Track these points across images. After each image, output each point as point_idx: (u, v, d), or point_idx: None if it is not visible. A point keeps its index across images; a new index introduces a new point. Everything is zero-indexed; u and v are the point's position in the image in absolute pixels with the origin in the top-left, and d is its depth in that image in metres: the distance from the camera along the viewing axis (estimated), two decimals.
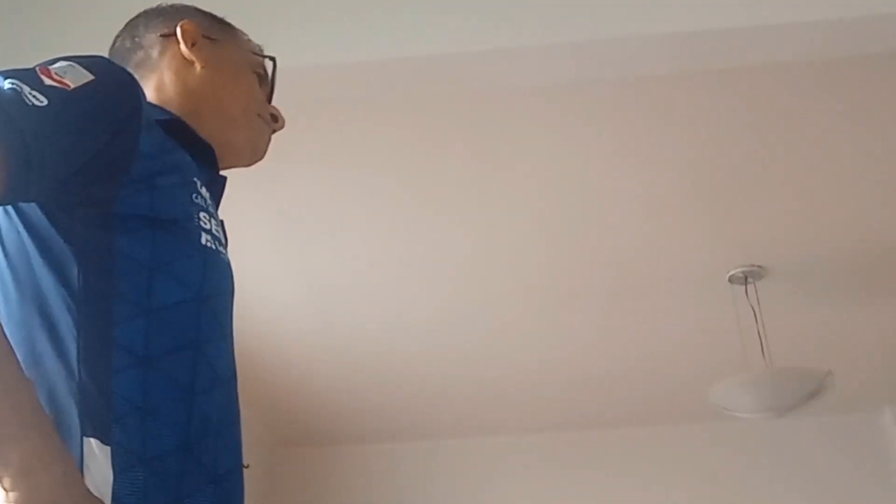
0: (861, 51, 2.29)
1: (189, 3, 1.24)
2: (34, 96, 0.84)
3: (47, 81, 0.87)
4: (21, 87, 0.84)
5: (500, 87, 2.65)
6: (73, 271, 0.90)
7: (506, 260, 3.57)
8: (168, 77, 1.14)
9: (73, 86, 0.88)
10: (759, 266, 3.61)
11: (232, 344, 1.03)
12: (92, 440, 0.85)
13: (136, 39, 1.18)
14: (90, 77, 0.90)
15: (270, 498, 4.77)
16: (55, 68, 0.90)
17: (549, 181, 3.16)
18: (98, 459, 0.85)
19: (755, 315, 3.67)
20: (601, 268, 3.62)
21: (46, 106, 0.84)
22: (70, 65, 0.91)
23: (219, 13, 1.25)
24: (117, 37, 1.22)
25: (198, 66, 1.15)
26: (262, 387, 4.31)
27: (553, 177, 3.14)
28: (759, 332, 3.66)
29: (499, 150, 3.02)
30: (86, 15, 2.23)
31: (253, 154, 1.20)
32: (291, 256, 3.51)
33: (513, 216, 3.31)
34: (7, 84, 0.84)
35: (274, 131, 1.23)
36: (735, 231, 3.44)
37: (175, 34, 1.16)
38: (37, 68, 0.89)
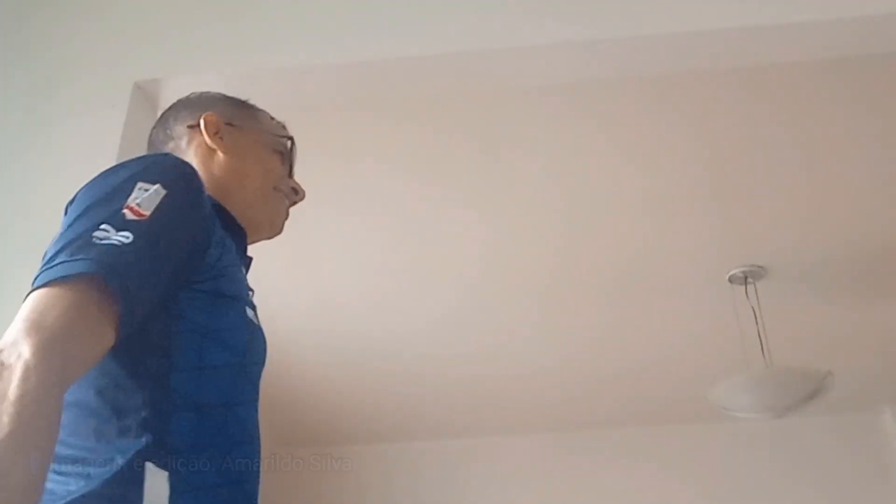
0: (863, 51, 2.29)
1: (215, 92, 1.36)
2: (123, 236, 0.94)
3: (129, 216, 0.96)
4: (109, 230, 0.94)
5: (501, 87, 2.65)
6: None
7: (507, 261, 3.57)
8: (196, 164, 1.22)
9: (148, 214, 0.97)
10: (759, 266, 3.61)
11: (258, 408, 1.14)
12: (148, 463, 0.95)
13: (168, 131, 1.30)
14: (162, 194, 0.99)
15: (270, 498, 4.76)
16: (132, 199, 0.98)
17: (548, 182, 3.15)
18: (156, 481, 0.95)
19: (755, 315, 3.67)
20: (600, 268, 3.62)
21: (132, 242, 0.94)
22: (141, 189, 0.99)
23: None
24: (153, 129, 1.34)
25: (220, 154, 1.25)
26: (262, 387, 4.30)
27: (553, 178, 3.14)
28: (759, 332, 3.66)
29: (501, 151, 3.02)
30: (89, 14, 2.23)
31: (271, 228, 1.31)
32: (292, 256, 3.50)
33: (513, 217, 3.31)
34: (99, 232, 0.94)
35: (293, 203, 1.33)
36: (735, 231, 3.44)
37: (199, 125, 1.27)
38: (122, 206, 0.97)
